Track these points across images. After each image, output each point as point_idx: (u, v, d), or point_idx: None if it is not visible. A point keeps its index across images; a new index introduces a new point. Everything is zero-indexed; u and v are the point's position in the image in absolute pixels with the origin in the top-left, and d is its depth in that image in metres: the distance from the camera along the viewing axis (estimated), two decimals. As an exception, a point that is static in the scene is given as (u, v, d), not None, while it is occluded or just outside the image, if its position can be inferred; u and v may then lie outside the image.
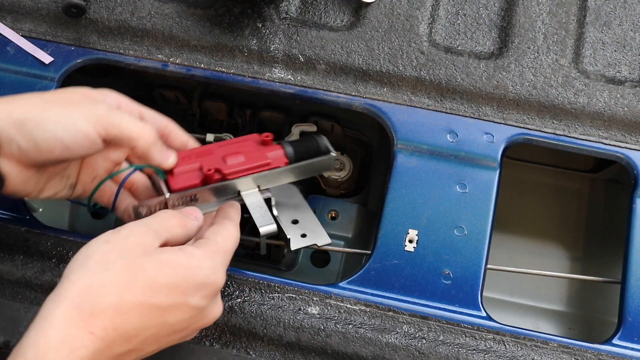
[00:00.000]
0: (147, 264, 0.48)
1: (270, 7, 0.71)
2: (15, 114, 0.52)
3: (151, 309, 0.48)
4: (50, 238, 0.62)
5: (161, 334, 0.49)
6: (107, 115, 0.54)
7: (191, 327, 0.51)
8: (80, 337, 0.44)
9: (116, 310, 0.46)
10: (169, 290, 0.48)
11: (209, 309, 0.52)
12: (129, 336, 0.47)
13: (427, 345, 0.58)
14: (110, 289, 0.46)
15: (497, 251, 0.75)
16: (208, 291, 0.50)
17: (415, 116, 0.66)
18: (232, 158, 0.59)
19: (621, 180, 0.83)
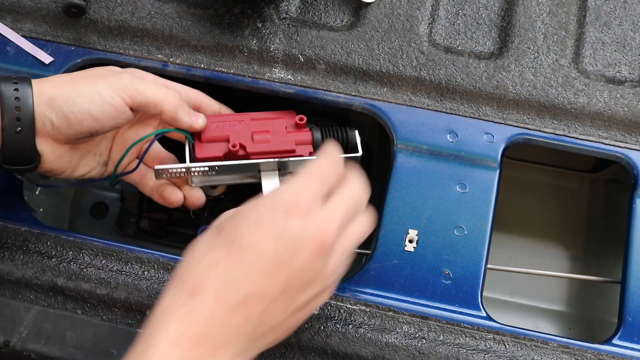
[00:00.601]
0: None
1: (270, 7, 0.71)
2: (46, 92, 0.55)
3: (238, 250, 0.46)
4: (50, 238, 0.62)
5: (271, 270, 0.46)
6: (131, 84, 0.57)
7: (300, 259, 0.47)
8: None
9: (208, 268, 0.46)
10: (249, 227, 0.47)
11: (307, 230, 0.47)
12: (232, 282, 0.46)
13: (427, 345, 0.58)
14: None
15: (497, 251, 0.75)
16: (288, 210, 0.47)
17: (415, 116, 0.66)
18: (260, 136, 0.60)
19: (621, 180, 0.83)
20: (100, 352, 0.57)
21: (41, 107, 0.55)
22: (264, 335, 0.48)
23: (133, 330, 0.58)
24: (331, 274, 0.49)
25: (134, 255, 0.62)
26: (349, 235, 0.51)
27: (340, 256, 0.50)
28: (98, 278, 0.60)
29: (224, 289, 0.46)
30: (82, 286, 0.60)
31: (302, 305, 0.49)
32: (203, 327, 0.45)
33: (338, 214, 0.49)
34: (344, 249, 0.50)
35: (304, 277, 0.48)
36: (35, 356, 0.57)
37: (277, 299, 0.47)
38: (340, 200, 0.50)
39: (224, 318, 0.45)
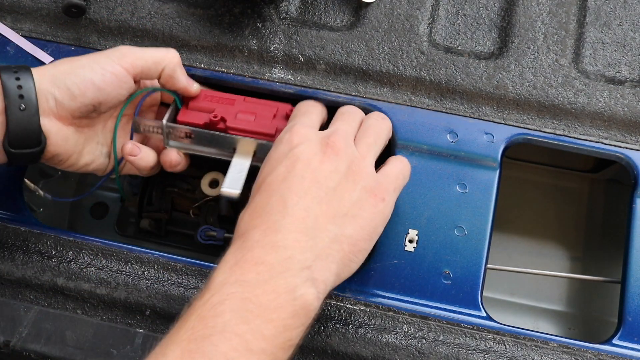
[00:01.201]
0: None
1: (270, 7, 0.71)
2: (48, 71, 0.56)
3: (265, 187, 0.53)
4: (50, 238, 0.62)
5: (299, 186, 0.51)
6: (130, 51, 0.59)
7: (319, 167, 0.53)
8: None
9: (246, 212, 0.52)
10: (269, 166, 0.54)
11: (313, 143, 0.54)
12: (275, 208, 0.51)
13: (427, 345, 0.58)
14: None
15: (497, 251, 0.75)
16: (290, 140, 0.54)
17: (415, 116, 0.66)
18: (244, 115, 0.62)
19: (621, 180, 0.83)
20: (100, 352, 0.57)
21: (43, 84, 0.55)
22: (331, 247, 0.50)
23: (133, 330, 0.58)
24: (360, 169, 0.54)
25: (134, 255, 0.62)
26: (362, 133, 0.58)
27: (363, 152, 0.56)
28: (98, 278, 0.60)
29: (265, 221, 0.50)
30: (82, 286, 0.60)
31: (352, 207, 0.52)
32: (257, 252, 0.48)
33: (339, 123, 0.58)
34: (365, 144, 0.56)
35: (332, 179, 0.53)
36: (35, 356, 0.57)
37: (320, 207, 0.51)
38: (334, 120, 0.58)
39: (275, 240, 0.48)
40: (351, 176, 0.53)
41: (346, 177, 0.53)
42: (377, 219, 0.54)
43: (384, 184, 0.55)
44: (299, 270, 0.48)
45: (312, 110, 0.60)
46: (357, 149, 0.56)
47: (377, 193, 0.54)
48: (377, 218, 0.54)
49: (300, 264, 0.48)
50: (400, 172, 0.58)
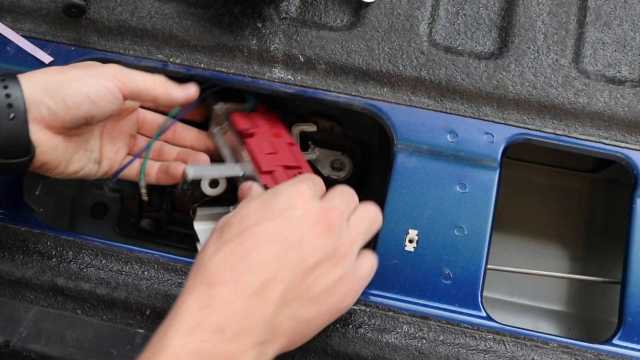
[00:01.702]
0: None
1: (270, 7, 0.71)
2: (39, 80, 0.55)
3: (248, 238, 0.50)
4: (50, 238, 0.62)
5: (281, 254, 0.49)
6: (121, 72, 0.59)
7: (309, 238, 0.50)
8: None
9: (223, 259, 0.49)
10: (257, 218, 0.51)
11: (311, 212, 0.51)
12: (247, 268, 0.48)
13: (427, 345, 0.58)
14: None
15: (497, 251, 0.75)
16: (291, 198, 0.52)
17: (415, 116, 0.66)
18: (271, 148, 0.67)
19: (621, 180, 0.83)
20: (100, 352, 0.57)
21: (34, 92, 0.55)
22: (286, 325, 0.49)
23: (133, 330, 0.58)
24: (346, 254, 0.52)
25: (134, 255, 0.62)
26: (358, 217, 0.55)
27: (353, 237, 0.53)
28: (98, 278, 0.60)
29: (240, 279, 0.47)
30: (82, 286, 0.60)
31: (322, 292, 0.50)
32: (220, 316, 0.45)
33: (337, 200, 0.54)
34: (356, 230, 0.54)
35: (315, 256, 0.50)
36: (35, 356, 0.57)
37: (293, 281, 0.48)
38: (333, 194, 0.56)
39: (242, 307, 0.46)
40: (334, 259, 0.51)
41: (329, 258, 0.50)
42: (340, 311, 0.52)
43: (359, 278, 0.53)
44: (253, 344, 0.46)
45: (318, 182, 0.57)
46: (350, 231, 0.53)
47: (352, 287, 0.52)
48: (339, 309, 0.52)
49: (257, 337, 0.46)
50: (370, 271, 0.55)
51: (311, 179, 0.56)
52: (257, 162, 0.65)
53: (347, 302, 0.53)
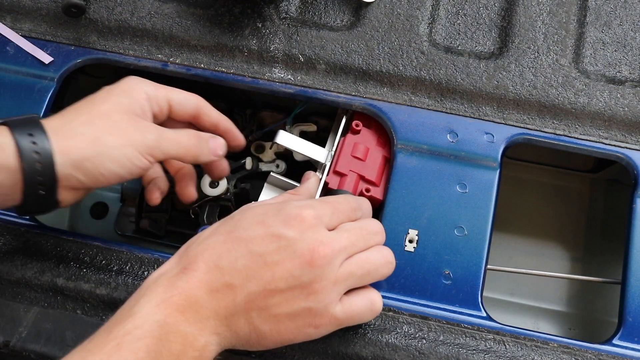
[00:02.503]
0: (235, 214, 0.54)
1: (270, 7, 0.71)
2: (72, 153, 0.53)
3: (233, 240, 0.51)
4: (50, 238, 0.62)
5: (254, 267, 0.50)
6: (157, 144, 0.57)
7: (287, 264, 0.50)
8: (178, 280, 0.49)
9: (205, 248, 0.51)
10: (251, 224, 0.52)
11: (302, 241, 0.50)
12: (219, 266, 0.50)
13: (427, 345, 0.58)
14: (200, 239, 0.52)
15: (497, 251, 0.75)
16: (290, 219, 0.51)
17: (415, 116, 0.66)
18: (365, 158, 0.66)
19: (621, 180, 0.83)
20: (100, 352, 0.57)
21: (67, 167, 0.53)
22: (242, 329, 0.50)
23: (133, 330, 0.58)
24: (322, 290, 0.50)
25: (134, 255, 0.62)
26: (361, 259, 0.53)
27: (339, 277, 0.51)
28: (98, 278, 0.60)
29: (209, 272, 0.49)
30: (82, 286, 0.60)
31: (283, 314, 0.50)
32: (184, 298, 0.48)
33: (340, 237, 0.52)
34: (347, 271, 0.52)
35: (287, 282, 0.50)
36: (35, 356, 0.57)
37: (257, 296, 0.50)
38: (349, 227, 0.54)
39: (203, 297, 0.49)
40: (306, 291, 0.50)
41: (301, 289, 0.50)
42: (299, 337, 0.52)
43: (331, 318, 0.52)
44: (210, 332, 0.49)
45: (343, 211, 0.55)
46: (336, 271, 0.51)
47: (317, 321, 0.51)
48: (299, 335, 0.52)
49: (212, 328, 0.49)
50: (360, 314, 0.53)
51: (335, 205, 0.54)
52: (336, 159, 0.65)
53: (308, 332, 0.52)
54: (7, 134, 0.52)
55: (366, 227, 0.54)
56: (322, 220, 0.52)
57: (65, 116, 0.56)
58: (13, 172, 0.52)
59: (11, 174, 0.52)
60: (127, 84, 0.59)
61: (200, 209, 0.73)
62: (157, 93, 0.60)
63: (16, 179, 0.52)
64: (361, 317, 0.54)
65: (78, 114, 0.56)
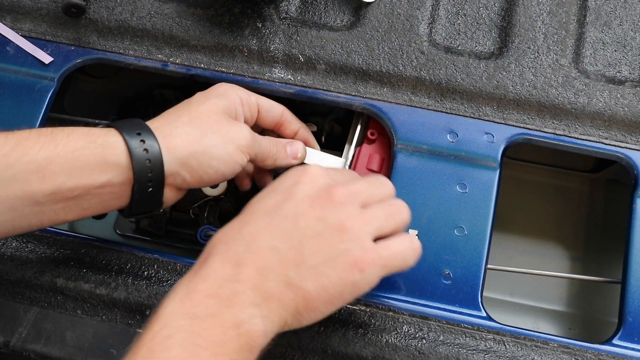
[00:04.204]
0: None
1: (270, 7, 0.71)
2: (178, 151, 0.55)
3: (245, 217, 0.51)
4: (50, 238, 0.62)
5: (275, 224, 0.50)
6: (254, 141, 0.59)
7: (308, 211, 0.50)
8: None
9: (219, 236, 0.51)
10: (259, 199, 0.52)
11: (315, 186, 0.52)
12: (238, 239, 0.50)
13: (427, 345, 0.58)
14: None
15: (497, 251, 0.75)
16: (298, 176, 0.52)
17: (415, 116, 0.66)
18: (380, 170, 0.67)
19: (621, 180, 0.83)
20: (100, 352, 0.57)
21: (173, 164, 0.54)
22: (288, 295, 0.49)
23: (133, 330, 0.58)
24: (352, 228, 0.50)
25: (134, 255, 0.62)
26: (378, 204, 0.54)
27: (365, 217, 0.52)
28: (98, 278, 0.60)
29: (231, 247, 0.49)
30: (82, 286, 0.60)
31: (322, 263, 0.49)
32: (212, 282, 0.47)
33: (354, 182, 0.54)
34: (371, 213, 0.52)
35: (314, 227, 0.50)
36: (35, 356, 0.57)
37: (289, 251, 0.49)
38: (359, 178, 0.56)
39: (232, 272, 0.48)
40: (338, 231, 0.50)
41: (332, 230, 0.50)
42: (347, 288, 0.50)
43: (373, 256, 0.51)
44: (246, 306, 0.47)
45: (347, 173, 0.57)
46: (363, 212, 0.52)
47: (359, 262, 0.50)
48: (346, 286, 0.50)
49: (248, 300, 0.47)
50: (402, 252, 0.53)
51: (338, 169, 0.57)
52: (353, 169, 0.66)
53: (354, 277, 0.50)
54: (116, 134, 0.53)
55: (373, 178, 0.56)
56: (330, 175, 0.53)
57: (167, 117, 0.57)
58: (124, 170, 0.53)
59: (122, 171, 0.53)
60: (222, 88, 0.61)
61: (200, 209, 0.74)
62: (249, 98, 0.62)
63: (126, 177, 0.53)
64: (404, 255, 0.53)
65: (179, 115, 0.57)
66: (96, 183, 0.52)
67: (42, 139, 0.51)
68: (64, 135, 0.52)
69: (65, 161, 0.51)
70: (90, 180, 0.52)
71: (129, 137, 0.53)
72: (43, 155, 0.51)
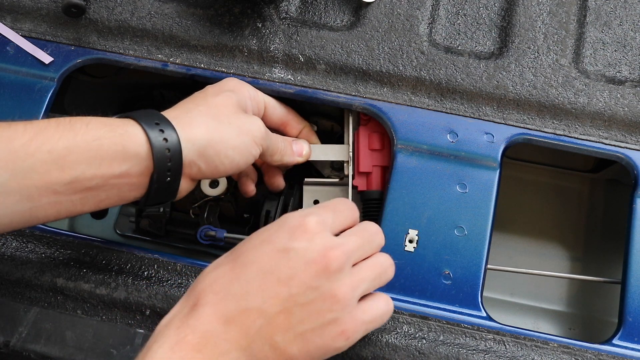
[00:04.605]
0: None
1: (270, 7, 0.71)
2: (197, 140, 0.55)
3: (241, 265, 0.50)
4: (50, 238, 0.62)
5: (269, 286, 0.48)
6: (266, 136, 0.61)
7: (302, 276, 0.49)
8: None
9: (212, 280, 0.49)
10: (255, 245, 0.51)
11: (311, 249, 0.49)
12: (231, 294, 0.48)
13: (427, 345, 0.58)
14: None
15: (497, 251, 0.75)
16: (294, 231, 0.50)
17: (415, 116, 0.66)
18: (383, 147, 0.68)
19: (621, 180, 0.83)
20: (100, 352, 0.57)
21: (191, 153, 0.55)
22: (271, 357, 0.48)
23: (133, 330, 0.58)
24: (343, 297, 0.49)
25: (134, 255, 0.62)
26: (368, 263, 0.52)
27: (354, 282, 0.50)
28: (98, 278, 0.60)
29: (221, 302, 0.48)
30: (82, 286, 0.60)
31: (309, 330, 0.48)
32: (200, 336, 0.46)
33: (348, 240, 0.51)
34: (360, 275, 0.51)
35: (307, 295, 0.48)
36: (35, 356, 0.57)
37: (278, 316, 0.48)
38: (352, 231, 0.53)
39: (219, 329, 0.47)
40: (329, 301, 0.49)
41: (323, 299, 0.49)
42: (330, 352, 0.50)
43: (358, 323, 0.50)
44: None
45: (342, 212, 0.54)
46: (353, 275, 0.50)
47: (346, 331, 0.49)
48: (330, 351, 0.50)
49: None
50: (381, 315, 0.53)
51: (335, 208, 0.54)
52: (357, 159, 0.67)
53: (339, 344, 0.50)
54: (134, 124, 0.53)
55: (367, 228, 0.54)
56: (326, 225, 0.51)
57: (183, 107, 0.58)
58: (143, 160, 0.53)
59: (141, 161, 0.53)
60: (232, 83, 0.63)
61: (200, 209, 0.73)
62: (257, 95, 0.64)
63: (144, 167, 0.53)
64: (382, 318, 0.53)
65: (196, 104, 0.58)
66: (115, 172, 0.52)
67: (60, 127, 0.51)
68: (82, 124, 0.52)
69: (85, 150, 0.51)
70: (109, 169, 0.51)
71: (147, 127, 0.53)
72: (63, 145, 0.50)
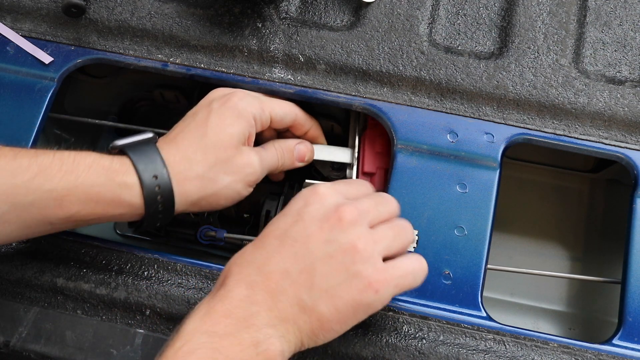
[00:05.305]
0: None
1: (270, 7, 0.71)
2: (191, 196, 0.57)
3: (257, 242, 0.53)
4: (50, 238, 0.62)
5: (286, 248, 0.51)
6: (261, 172, 0.61)
7: (317, 233, 0.51)
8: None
9: (234, 260, 0.53)
10: (271, 224, 0.54)
11: (324, 208, 0.52)
12: (252, 262, 0.51)
13: (427, 346, 0.58)
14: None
15: (497, 251, 0.75)
16: (307, 197, 0.53)
17: (415, 116, 0.66)
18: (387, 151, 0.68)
19: (621, 180, 0.83)
20: (100, 352, 0.57)
21: (183, 205, 0.58)
22: (302, 318, 0.50)
23: (133, 330, 0.58)
24: (365, 249, 0.50)
25: (134, 255, 0.62)
26: (385, 224, 0.54)
27: (375, 237, 0.52)
28: (98, 278, 0.60)
29: (245, 270, 0.51)
30: (82, 286, 0.60)
31: (335, 286, 0.49)
32: (228, 303, 0.49)
33: (361, 200, 0.54)
34: (380, 233, 0.53)
35: (326, 249, 0.50)
36: (35, 356, 0.57)
37: (300, 275, 0.50)
38: (365, 195, 0.56)
39: (246, 293, 0.49)
40: (350, 252, 0.50)
41: (343, 251, 0.50)
42: (361, 308, 0.50)
43: (386, 276, 0.51)
44: (262, 326, 0.49)
45: (355, 184, 0.58)
46: (371, 232, 0.52)
47: (374, 283, 0.50)
48: (360, 307, 0.50)
49: (264, 321, 0.49)
50: (412, 271, 0.53)
51: (348, 182, 0.57)
52: (362, 159, 0.68)
53: (368, 299, 0.50)
54: (133, 175, 0.55)
55: (380, 194, 0.57)
56: (339, 191, 0.54)
57: (182, 148, 0.58)
58: (137, 208, 0.56)
59: (135, 209, 0.56)
60: (240, 103, 0.61)
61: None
62: (263, 114, 0.63)
63: (138, 212, 0.56)
64: (415, 274, 0.53)
65: (196, 147, 0.58)
66: (109, 214, 0.56)
67: (63, 168, 0.54)
68: (85, 167, 0.54)
69: (83, 194, 0.54)
70: (104, 211, 0.55)
71: (145, 180, 0.55)
72: (63, 186, 0.53)
